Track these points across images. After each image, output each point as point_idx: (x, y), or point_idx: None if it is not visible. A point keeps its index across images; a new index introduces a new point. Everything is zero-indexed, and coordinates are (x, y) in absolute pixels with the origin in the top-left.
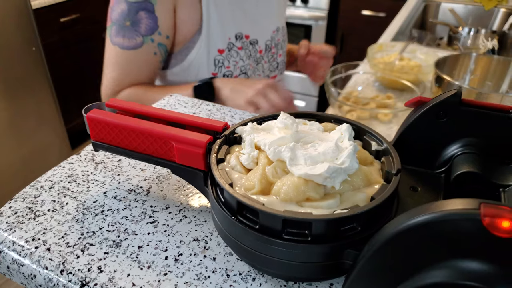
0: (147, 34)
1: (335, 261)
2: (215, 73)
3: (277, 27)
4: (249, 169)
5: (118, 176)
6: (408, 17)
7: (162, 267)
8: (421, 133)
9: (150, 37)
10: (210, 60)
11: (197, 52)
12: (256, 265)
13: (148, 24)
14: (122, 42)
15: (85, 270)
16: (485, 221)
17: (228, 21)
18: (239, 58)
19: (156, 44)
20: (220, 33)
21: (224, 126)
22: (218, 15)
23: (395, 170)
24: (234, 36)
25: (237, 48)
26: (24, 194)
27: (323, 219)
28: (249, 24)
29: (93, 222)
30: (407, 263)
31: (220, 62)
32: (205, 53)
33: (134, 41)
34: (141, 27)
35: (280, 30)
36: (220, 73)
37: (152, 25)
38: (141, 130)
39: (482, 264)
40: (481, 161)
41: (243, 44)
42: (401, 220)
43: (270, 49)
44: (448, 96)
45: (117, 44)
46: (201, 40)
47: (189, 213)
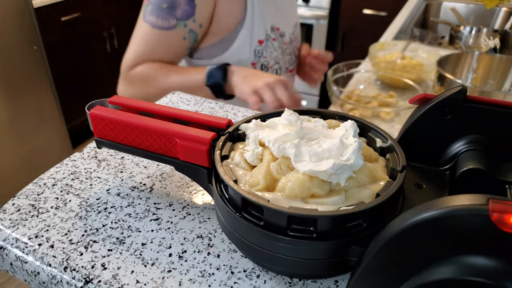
0: (182, 19)
1: (340, 258)
2: (254, 63)
3: (296, 22)
4: (253, 166)
5: (121, 173)
6: (409, 16)
7: (166, 264)
8: (426, 130)
9: (184, 22)
10: (251, 50)
11: (240, 43)
12: (261, 262)
13: (185, 10)
14: (155, 21)
15: (89, 267)
16: (493, 216)
17: (266, 13)
18: (273, 49)
19: (188, 29)
20: (261, 25)
21: (228, 123)
22: (259, 8)
23: (400, 167)
24: (270, 28)
25: (272, 40)
26: (27, 191)
27: (328, 215)
28: (279, 17)
29: (96, 219)
30: (413, 260)
31: (259, 52)
32: (247, 43)
33: (167, 22)
34: (178, 11)
35: (298, 25)
36: (258, 63)
37: (189, 11)
38: (144, 127)
39: (490, 260)
40: (486, 157)
41: (276, 35)
42: (407, 217)
43: (292, 42)
44: (453, 93)
45: (149, 22)
46: (244, 32)
47: (192, 210)
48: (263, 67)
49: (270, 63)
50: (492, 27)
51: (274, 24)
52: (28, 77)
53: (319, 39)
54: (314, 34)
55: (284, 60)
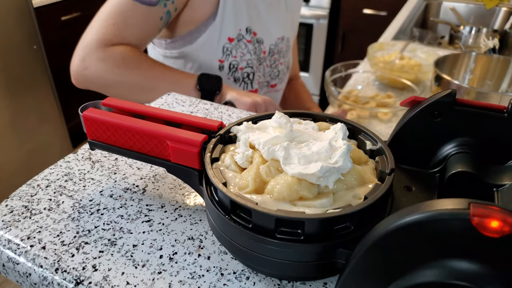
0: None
1: (328, 260)
2: (222, 60)
3: (283, 36)
4: (243, 168)
5: (114, 174)
6: (409, 16)
7: (157, 265)
8: (416, 133)
9: (165, 1)
10: (219, 46)
11: (208, 35)
12: (250, 264)
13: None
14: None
15: (80, 268)
16: (474, 220)
17: (241, 13)
18: (246, 50)
19: (166, 10)
20: (233, 22)
21: (220, 125)
22: (234, 4)
23: (389, 170)
24: (245, 29)
25: (246, 41)
26: (21, 192)
27: (315, 218)
28: (259, 23)
29: (89, 220)
30: (398, 263)
31: (228, 50)
32: (216, 38)
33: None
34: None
35: (285, 40)
36: (226, 61)
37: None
38: (136, 129)
39: (472, 264)
40: (475, 160)
41: (251, 38)
42: (391, 220)
43: (273, 54)
44: (443, 96)
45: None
46: (214, 25)
47: (184, 212)
48: (232, 67)
49: (241, 64)
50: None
51: (251, 27)
52: (28, 76)
53: (319, 39)
54: (314, 34)
55: (263, 71)
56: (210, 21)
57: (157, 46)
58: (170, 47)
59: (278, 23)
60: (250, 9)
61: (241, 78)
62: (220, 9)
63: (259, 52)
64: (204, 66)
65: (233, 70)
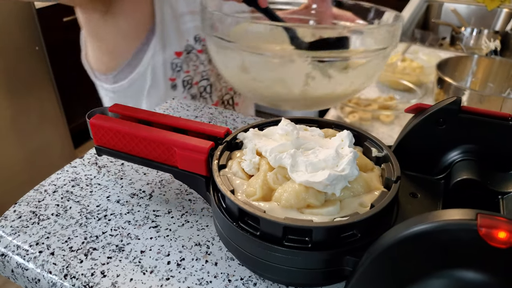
0: None
1: (335, 267)
2: (173, 78)
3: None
4: (250, 175)
5: (121, 180)
6: (410, 17)
7: (165, 271)
8: (421, 140)
9: None
10: (167, 63)
11: (152, 54)
12: (257, 271)
13: None
14: None
15: (89, 274)
16: (481, 231)
17: (185, 21)
18: (199, 62)
19: None
20: (177, 34)
21: (226, 132)
22: (173, 13)
23: (395, 177)
24: (193, 38)
25: (197, 51)
26: (28, 198)
27: (323, 226)
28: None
29: (96, 226)
30: (405, 271)
31: (178, 66)
32: (160, 55)
33: None
34: None
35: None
36: (178, 78)
37: None
38: (144, 136)
39: (479, 274)
40: (480, 168)
41: (203, 47)
42: (399, 230)
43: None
44: (448, 103)
45: None
46: (155, 40)
47: (191, 217)
48: (186, 83)
49: (195, 79)
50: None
51: (200, 34)
52: (30, 77)
53: None
54: None
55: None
56: (150, 36)
57: (104, 82)
58: (119, 79)
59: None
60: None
61: (198, 93)
62: (158, 21)
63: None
64: (156, 87)
65: (187, 87)
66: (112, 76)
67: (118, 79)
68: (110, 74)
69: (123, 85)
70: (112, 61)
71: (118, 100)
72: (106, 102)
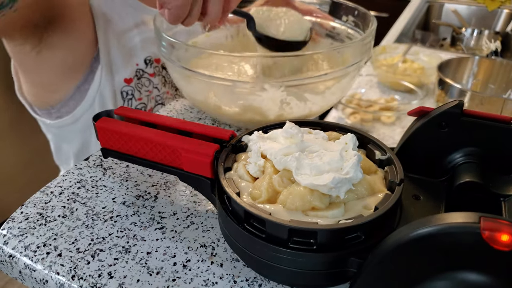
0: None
1: (340, 269)
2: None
3: None
4: (255, 178)
5: (126, 182)
6: (411, 18)
7: (171, 273)
8: (424, 143)
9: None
10: (117, 93)
11: (98, 85)
12: (263, 272)
13: None
14: None
15: (96, 275)
16: (484, 234)
17: (131, 37)
18: (152, 86)
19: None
20: (123, 60)
21: (231, 134)
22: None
23: (398, 180)
24: (143, 61)
25: (149, 75)
26: (35, 199)
27: (328, 229)
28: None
29: (103, 228)
30: (409, 274)
31: (129, 94)
32: (108, 85)
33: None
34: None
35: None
36: (131, 107)
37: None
38: (150, 139)
39: (482, 276)
40: (483, 170)
41: (157, 69)
42: (404, 232)
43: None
44: (450, 107)
45: None
46: (100, 68)
47: (196, 219)
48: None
49: (149, 105)
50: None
51: (151, 56)
52: None
53: None
54: None
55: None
56: (94, 65)
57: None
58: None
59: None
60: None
61: None
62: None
63: (169, 80)
64: None
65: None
66: (54, 110)
67: (62, 114)
68: (52, 108)
69: (68, 120)
70: (51, 95)
71: (64, 137)
72: (51, 139)
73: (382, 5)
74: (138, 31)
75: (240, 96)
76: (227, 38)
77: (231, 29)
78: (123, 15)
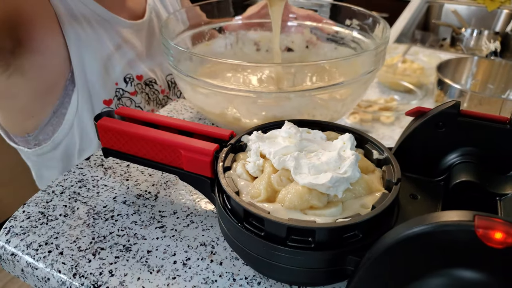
0: None
1: (338, 267)
2: None
3: None
4: (254, 177)
5: (127, 181)
6: (411, 18)
7: (171, 271)
8: (421, 142)
9: None
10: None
11: (76, 109)
12: (262, 270)
13: None
14: None
15: (97, 273)
16: (478, 232)
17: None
18: (134, 105)
19: None
20: (101, 79)
21: (230, 134)
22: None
23: (395, 179)
24: (123, 80)
25: (130, 94)
26: (37, 198)
27: (326, 227)
28: (140, 62)
29: (104, 226)
30: (405, 271)
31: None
32: (86, 108)
33: None
34: None
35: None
36: None
37: None
38: (150, 139)
39: (477, 274)
40: (479, 170)
41: (138, 87)
42: (400, 230)
43: (175, 84)
44: (447, 107)
45: None
46: (77, 93)
47: (196, 218)
48: None
49: None
50: (494, 29)
51: (131, 73)
52: None
53: None
54: None
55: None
56: (69, 87)
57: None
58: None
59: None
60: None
61: None
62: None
63: (154, 96)
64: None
65: None
66: (31, 138)
67: (40, 141)
68: (29, 135)
69: (47, 147)
70: (27, 121)
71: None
72: (31, 167)
73: (382, 5)
74: (119, 55)
75: (262, 107)
76: (227, 46)
77: (230, 37)
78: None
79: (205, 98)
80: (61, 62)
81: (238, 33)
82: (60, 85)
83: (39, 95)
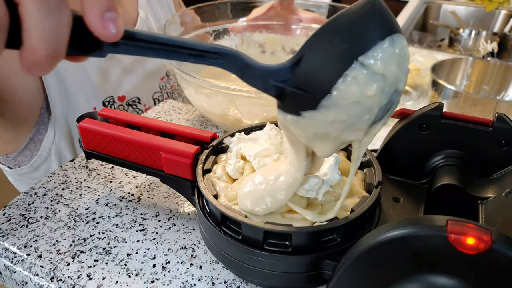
0: None
1: (315, 271)
2: None
3: (167, 72)
4: (235, 179)
5: (110, 183)
6: (409, 19)
7: (150, 274)
8: (405, 145)
9: None
10: (75, 141)
11: (53, 136)
12: (240, 274)
13: None
14: None
15: (75, 277)
16: (450, 238)
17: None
18: None
19: None
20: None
21: (212, 136)
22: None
23: (376, 182)
24: (102, 104)
25: None
26: (18, 201)
27: (302, 231)
28: (122, 83)
29: (84, 229)
30: (380, 276)
31: None
32: (63, 134)
33: None
34: None
35: (171, 72)
36: None
37: None
38: (131, 140)
39: (450, 280)
40: (462, 173)
41: (120, 108)
42: (374, 235)
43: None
44: (430, 109)
45: None
46: (53, 119)
47: (178, 221)
48: None
49: None
50: (492, 30)
51: (113, 95)
52: None
53: None
54: None
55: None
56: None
57: (5, 165)
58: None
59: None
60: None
61: None
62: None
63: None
64: None
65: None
66: (10, 159)
67: (20, 163)
68: (8, 157)
69: (27, 169)
70: (3, 145)
71: (27, 183)
72: (13, 183)
73: None
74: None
75: (264, 108)
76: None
77: (235, 39)
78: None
79: (207, 98)
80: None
81: (243, 34)
82: (35, 115)
83: (12, 126)
